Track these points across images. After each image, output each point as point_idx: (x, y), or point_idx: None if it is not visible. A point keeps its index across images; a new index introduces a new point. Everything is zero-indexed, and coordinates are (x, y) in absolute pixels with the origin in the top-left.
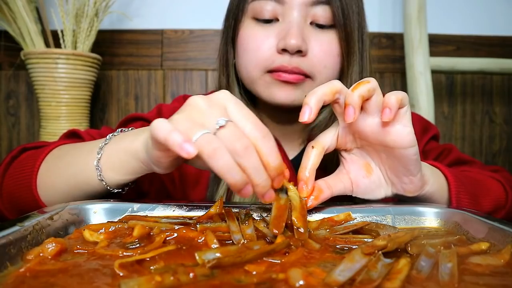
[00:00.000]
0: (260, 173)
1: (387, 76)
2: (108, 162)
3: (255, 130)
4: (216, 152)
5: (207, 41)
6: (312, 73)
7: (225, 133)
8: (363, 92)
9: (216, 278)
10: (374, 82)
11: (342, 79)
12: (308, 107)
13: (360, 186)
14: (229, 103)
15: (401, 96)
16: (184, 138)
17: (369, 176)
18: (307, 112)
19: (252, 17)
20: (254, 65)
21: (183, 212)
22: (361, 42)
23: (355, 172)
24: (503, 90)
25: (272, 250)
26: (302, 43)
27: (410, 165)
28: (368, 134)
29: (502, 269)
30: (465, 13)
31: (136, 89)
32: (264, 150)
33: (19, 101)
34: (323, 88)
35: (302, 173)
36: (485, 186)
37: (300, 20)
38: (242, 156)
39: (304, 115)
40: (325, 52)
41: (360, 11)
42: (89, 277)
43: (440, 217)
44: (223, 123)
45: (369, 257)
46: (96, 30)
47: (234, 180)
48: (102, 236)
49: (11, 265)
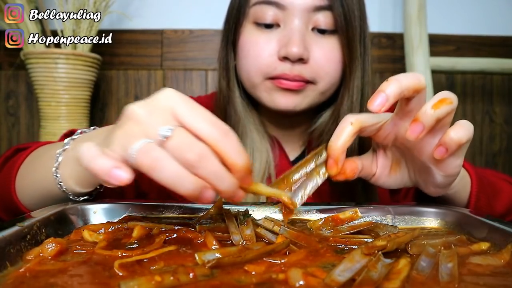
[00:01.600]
0: (222, 178)
1: (387, 76)
2: (66, 171)
3: (213, 129)
4: (157, 163)
5: (207, 41)
6: (314, 79)
7: (173, 144)
8: (441, 114)
9: (216, 278)
10: (455, 103)
11: (344, 84)
12: (384, 95)
13: (381, 178)
14: (176, 104)
15: (466, 137)
16: (113, 163)
17: (395, 175)
18: (380, 101)
19: (253, 21)
20: (255, 71)
21: (183, 213)
22: (363, 47)
23: (382, 166)
24: (503, 90)
25: (272, 250)
26: (304, 51)
27: (443, 185)
28: (416, 147)
29: (502, 269)
30: (465, 13)
31: (136, 89)
32: (227, 150)
33: (18, 101)
34: (408, 79)
35: (333, 150)
36: (499, 189)
37: (302, 26)
38: (198, 167)
39: (374, 104)
40: (327, 59)
41: (362, 15)
42: (89, 277)
43: (440, 217)
44: (169, 133)
45: (369, 257)
46: (96, 30)
47: (186, 190)
48: (101, 236)
49: (11, 265)
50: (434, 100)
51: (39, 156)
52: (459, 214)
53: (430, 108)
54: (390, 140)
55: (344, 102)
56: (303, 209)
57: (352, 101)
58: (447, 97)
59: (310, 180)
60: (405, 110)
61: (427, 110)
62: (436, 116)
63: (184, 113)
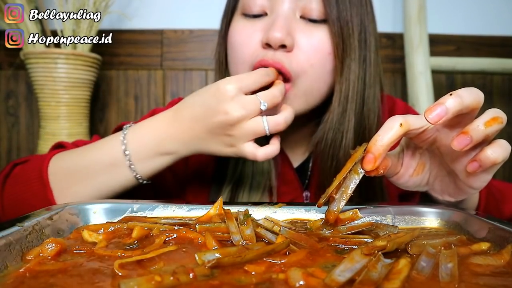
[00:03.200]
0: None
1: (387, 76)
2: (136, 147)
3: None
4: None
5: (207, 41)
6: (296, 73)
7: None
8: (491, 132)
9: (216, 278)
10: (505, 123)
11: (335, 82)
12: (444, 108)
13: (401, 179)
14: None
15: (502, 158)
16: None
17: (416, 176)
18: (438, 113)
19: (242, 13)
20: (241, 61)
21: (183, 213)
22: (363, 42)
23: (406, 167)
24: (503, 90)
25: (272, 251)
26: (287, 37)
27: (461, 196)
28: (452, 155)
29: (503, 269)
30: (465, 13)
31: (136, 89)
32: None
33: (18, 101)
34: (471, 97)
35: (376, 146)
36: (507, 194)
37: (288, 12)
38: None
39: (432, 114)
40: (314, 48)
41: (362, 6)
42: (89, 277)
43: (440, 217)
44: (265, 105)
45: (369, 258)
46: (96, 30)
47: None
48: (101, 236)
49: (11, 265)
50: (487, 117)
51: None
52: (459, 214)
53: (482, 124)
54: (427, 143)
55: (336, 105)
56: (304, 209)
57: (346, 108)
58: (500, 116)
59: (350, 180)
60: (454, 120)
61: (480, 126)
62: (486, 133)
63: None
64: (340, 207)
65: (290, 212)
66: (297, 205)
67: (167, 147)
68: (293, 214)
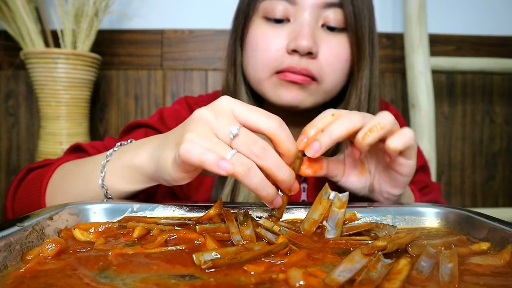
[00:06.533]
0: (282, 168)
1: (387, 76)
2: (113, 178)
3: (269, 121)
4: (250, 171)
5: (207, 41)
6: (320, 76)
7: (241, 141)
8: (370, 142)
9: (215, 279)
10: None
11: (352, 82)
12: (316, 143)
13: (349, 180)
14: (234, 106)
15: (402, 146)
16: (218, 157)
17: (360, 176)
18: (315, 149)
19: (263, 16)
20: (263, 65)
21: (183, 213)
22: (372, 47)
23: (351, 167)
24: (503, 90)
25: (271, 251)
26: (313, 45)
27: (397, 186)
28: (375, 151)
29: (503, 269)
30: (465, 13)
31: (136, 89)
32: (283, 138)
33: (18, 101)
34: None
35: (308, 129)
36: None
37: (312, 21)
38: (262, 157)
39: (311, 150)
40: (335, 56)
41: (371, 16)
42: (89, 277)
43: (440, 217)
44: (236, 131)
45: (369, 258)
46: (95, 30)
47: (267, 193)
48: (91, 235)
49: (10, 265)
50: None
51: (71, 172)
52: (459, 214)
53: (361, 137)
54: None
55: (351, 101)
56: (304, 209)
57: (360, 100)
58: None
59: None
60: None
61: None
62: (364, 146)
63: (242, 112)
64: None
65: (290, 212)
66: (297, 205)
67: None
68: (293, 214)
